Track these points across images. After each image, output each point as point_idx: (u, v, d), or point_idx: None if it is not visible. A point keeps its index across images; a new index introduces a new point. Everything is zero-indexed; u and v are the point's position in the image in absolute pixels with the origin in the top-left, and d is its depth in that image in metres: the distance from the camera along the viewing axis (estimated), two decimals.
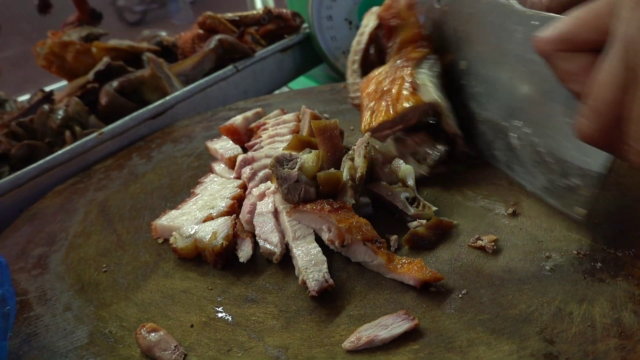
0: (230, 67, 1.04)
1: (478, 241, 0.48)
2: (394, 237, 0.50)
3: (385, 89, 0.59)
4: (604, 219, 0.49)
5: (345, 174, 0.51)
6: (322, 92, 0.93)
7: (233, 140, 0.73)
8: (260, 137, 0.70)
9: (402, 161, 0.56)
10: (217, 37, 1.07)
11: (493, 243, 0.48)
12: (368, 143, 0.54)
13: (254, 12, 1.25)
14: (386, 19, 0.63)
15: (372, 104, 0.60)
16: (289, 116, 0.73)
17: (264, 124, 0.73)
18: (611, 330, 0.38)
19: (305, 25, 1.26)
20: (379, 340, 0.39)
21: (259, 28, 1.24)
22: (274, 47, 1.15)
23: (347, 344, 0.40)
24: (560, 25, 0.36)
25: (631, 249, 0.45)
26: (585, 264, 0.44)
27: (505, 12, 0.49)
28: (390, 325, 0.39)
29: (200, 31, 1.19)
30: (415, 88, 0.56)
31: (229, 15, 1.23)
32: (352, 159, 0.53)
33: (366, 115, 0.60)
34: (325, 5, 1.23)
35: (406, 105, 0.55)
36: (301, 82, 1.44)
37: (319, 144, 0.56)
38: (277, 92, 1.21)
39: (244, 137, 0.74)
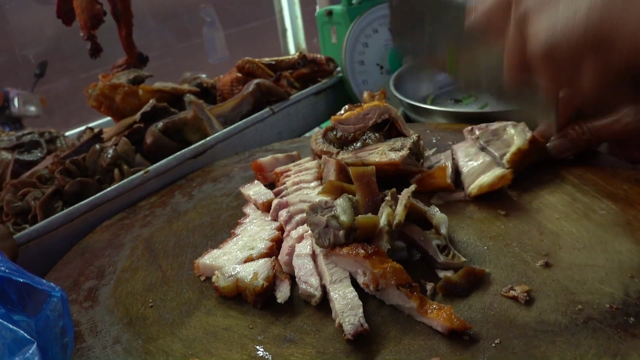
0: (266, 109, 1.10)
1: (511, 291, 0.50)
2: (431, 284, 0.52)
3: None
4: (637, 273, 0.50)
5: (383, 220, 0.54)
6: None
7: (258, 178, 0.78)
8: (284, 183, 0.74)
9: (437, 209, 0.58)
10: (255, 81, 1.14)
11: (526, 294, 0.49)
12: (412, 193, 0.57)
13: (290, 57, 1.31)
14: None
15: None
16: (311, 163, 0.77)
17: (287, 170, 0.78)
18: None
19: (338, 69, 1.32)
20: None
21: (294, 71, 1.30)
22: (308, 91, 1.20)
23: None
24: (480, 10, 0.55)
25: None
26: (618, 318, 0.45)
27: None
28: None
29: (239, 74, 1.26)
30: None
31: (266, 60, 1.30)
32: (391, 206, 0.55)
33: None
34: (357, 51, 1.29)
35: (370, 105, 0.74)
36: None
37: (357, 189, 0.59)
38: (308, 134, 1.26)
39: (268, 176, 0.80)
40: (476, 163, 0.68)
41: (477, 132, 0.72)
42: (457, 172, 0.70)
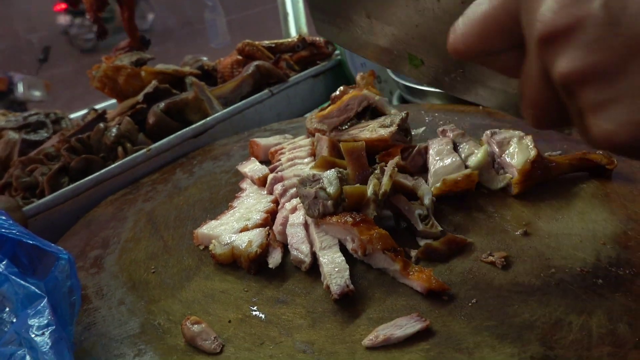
0: (266, 91, 1.13)
1: (489, 257, 0.53)
2: (415, 251, 0.55)
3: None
4: (609, 240, 0.53)
5: (370, 190, 0.57)
6: None
7: (255, 155, 0.83)
8: (279, 160, 0.77)
9: (423, 181, 0.61)
10: (255, 63, 1.16)
11: (503, 259, 0.52)
12: (396, 164, 0.60)
13: (289, 39, 1.33)
14: None
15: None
16: (305, 141, 0.80)
17: (282, 148, 0.80)
18: (606, 339, 0.42)
19: (336, 52, 1.34)
20: (395, 339, 0.44)
21: (293, 54, 1.32)
22: (307, 73, 1.22)
23: (366, 341, 0.45)
24: (470, 33, 0.35)
25: (632, 268, 0.49)
26: (588, 280, 0.48)
27: None
28: (405, 326, 0.44)
29: (239, 57, 1.28)
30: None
31: (266, 42, 1.32)
32: (378, 178, 0.58)
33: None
34: None
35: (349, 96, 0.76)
36: None
37: (348, 163, 0.62)
38: (308, 115, 1.28)
39: (260, 154, 0.84)
40: (446, 162, 0.64)
41: (450, 135, 0.70)
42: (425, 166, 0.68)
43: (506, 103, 0.47)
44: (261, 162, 0.83)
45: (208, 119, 1.00)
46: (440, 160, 0.65)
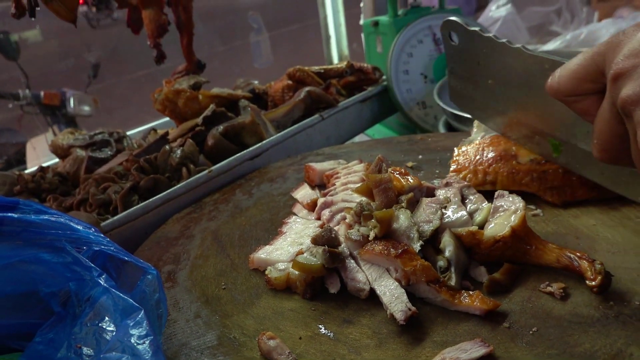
0: (316, 115, 1.18)
1: (548, 287, 0.55)
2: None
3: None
4: None
5: (405, 221, 0.60)
6: (400, 142, 1.03)
7: (309, 179, 0.87)
8: (334, 184, 0.81)
9: (447, 232, 0.62)
10: (307, 89, 1.22)
11: (562, 290, 0.54)
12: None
13: (338, 65, 1.39)
14: None
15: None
16: (359, 166, 0.84)
17: (337, 172, 0.85)
18: None
19: (383, 78, 1.39)
20: None
21: (341, 79, 1.37)
22: (356, 98, 1.27)
23: None
24: (565, 76, 0.48)
25: None
26: None
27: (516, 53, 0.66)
28: (469, 350, 0.47)
29: (290, 82, 1.35)
30: None
31: (315, 68, 1.38)
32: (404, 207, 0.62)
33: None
34: (402, 61, 1.35)
35: None
36: (376, 129, 1.55)
37: (375, 195, 0.65)
38: (357, 139, 1.33)
39: (315, 178, 0.88)
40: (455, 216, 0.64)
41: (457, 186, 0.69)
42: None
43: None
44: (316, 186, 0.88)
45: (264, 142, 1.06)
46: (451, 214, 0.64)
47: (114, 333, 0.49)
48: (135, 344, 0.46)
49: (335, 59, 2.13)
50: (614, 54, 0.43)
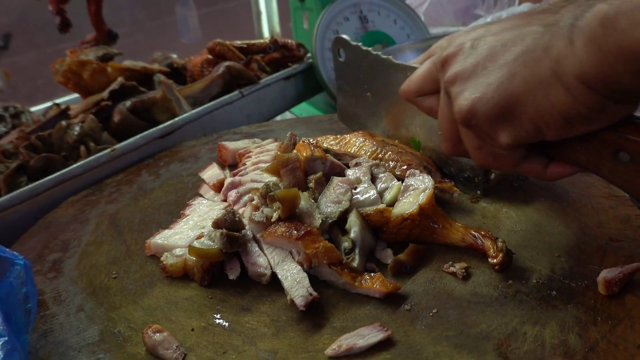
0: (236, 92, 1.11)
1: (451, 267, 0.54)
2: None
3: None
4: (564, 253, 0.55)
5: (308, 203, 0.57)
6: (321, 121, 1.00)
7: (222, 159, 0.84)
8: (245, 164, 0.77)
9: (354, 212, 0.59)
10: (226, 63, 1.15)
11: (464, 270, 0.54)
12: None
13: (261, 40, 1.33)
14: None
15: None
16: (272, 145, 0.80)
17: (249, 152, 0.80)
18: (558, 350, 0.43)
19: (308, 55, 1.34)
20: (357, 348, 0.44)
21: (265, 55, 1.31)
22: (278, 75, 1.22)
23: (329, 351, 0.45)
24: (413, 79, 0.56)
25: (584, 280, 0.51)
26: (542, 292, 0.50)
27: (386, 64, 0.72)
28: (367, 335, 0.45)
29: (210, 56, 1.27)
30: None
31: (238, 42, 1.31)
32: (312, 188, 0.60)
33: None
34: (328, 38, 1.31)
35: None
36: (302, 107, 1.51)
37: (282, 175, 0.62)
38: (279, 117, 1.28)
39: (228, 158, 0.83)
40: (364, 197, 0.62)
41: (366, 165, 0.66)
42: None
43: None
44: (229, 166, 0.83)
45: (176, 119, 0.99)
46: (360, 194, 0.62)
47: None
48: None
49: (267, 37, 2.05)
50: (447, 48, 0.50)
